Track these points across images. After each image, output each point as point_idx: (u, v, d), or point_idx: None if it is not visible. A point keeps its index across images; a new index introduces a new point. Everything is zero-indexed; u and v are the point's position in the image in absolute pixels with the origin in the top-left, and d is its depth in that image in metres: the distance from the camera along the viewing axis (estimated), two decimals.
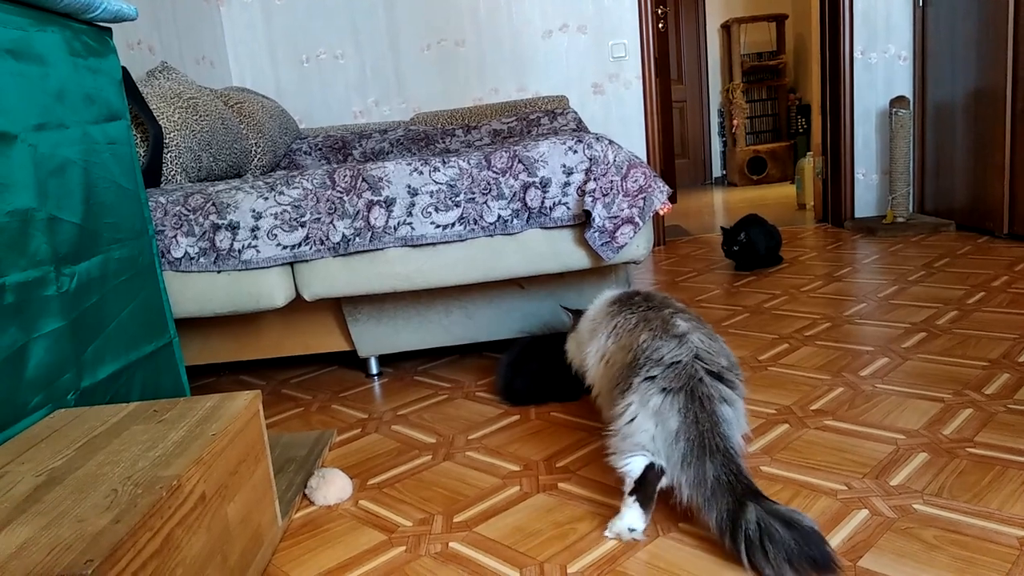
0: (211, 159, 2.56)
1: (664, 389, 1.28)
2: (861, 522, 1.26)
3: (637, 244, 1.99)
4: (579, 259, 2.02)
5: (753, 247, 3.26)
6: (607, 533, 1.32)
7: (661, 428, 1.27)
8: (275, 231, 1.94)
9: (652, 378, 1.31)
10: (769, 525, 1.12)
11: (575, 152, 1.95)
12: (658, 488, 1.28)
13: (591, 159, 1.94)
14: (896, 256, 3.30)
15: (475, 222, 1.96)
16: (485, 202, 1.95)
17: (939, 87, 3.83)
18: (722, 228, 3.37)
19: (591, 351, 1.55)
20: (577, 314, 1.78)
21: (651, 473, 1.28)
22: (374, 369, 2.36)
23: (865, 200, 4.18)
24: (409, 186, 1.95)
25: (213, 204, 1.96)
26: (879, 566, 1.14)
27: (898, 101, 3.85)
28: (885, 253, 3.39)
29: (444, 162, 1.97)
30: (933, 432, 1.57)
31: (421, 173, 1.95)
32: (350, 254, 1.98)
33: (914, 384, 1.83)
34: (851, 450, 1.52)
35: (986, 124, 3.45)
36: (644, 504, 1.28)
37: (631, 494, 1.29)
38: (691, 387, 1.27)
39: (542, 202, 1.95)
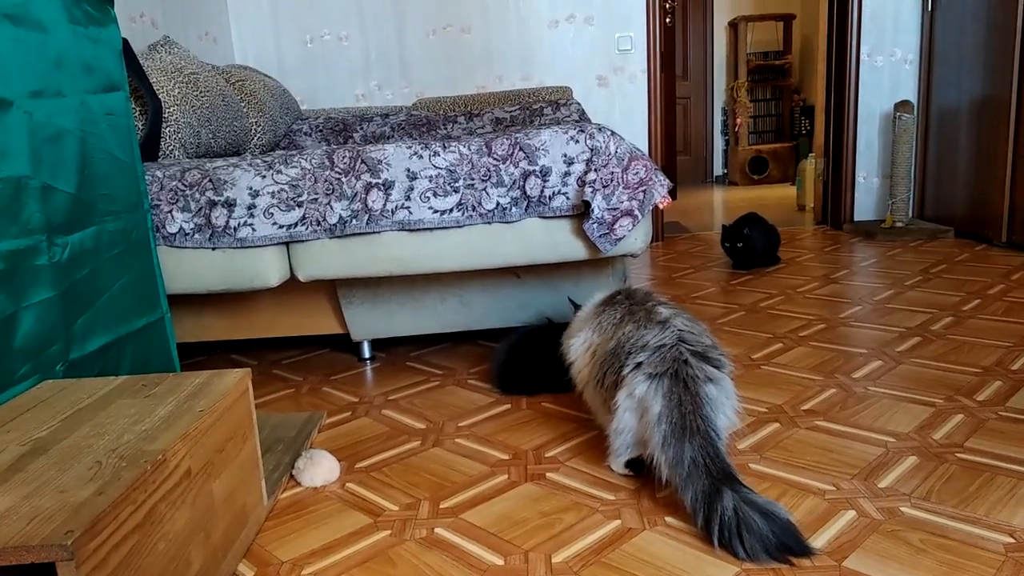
0: (210, 135, 2.54)
1: (650, 375, 1.32)
2: (848, 523, 1.26)
3: (635, 237, 1.98)
4: (576, 250, 2.00)
5: (752, 246, 3.26)
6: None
7: (646, 416, 1.29)
8: (271, 210, 1.93)
9: (639, 365, 1.33)
10: (746, 514, 1.16)
11: (577, 142, 1.94)
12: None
13: (592, 149, 1.93)
14: (894, 260, 3.30)
15: (473, 208, 1.94)
16: (484, 189, 1.94)
17: (944, 93, 3.82)
18: (723, 225, 3.36)
19: (576, 344, 1.57)
20: (579, 308, 1.78)
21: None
22: (366, 353, 2.35)
23: (865, 204, 4.18)
24: (408, 170, 1.93)
25: (210, 180, 1.94)
26: (864, 567, 1.13)
27: (902, 105, 3.83)
28: (883, 257, 3.39)
29: (444, 147, 1.96)
30: (923, 436, 1.57)
31: (421, 157, 1.94)
32: (346, 236, 1.96)
33: (906, 388, 1.83)
34: (840, 451, 1.52)
35: (989, 132, 3.44)
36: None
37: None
38: (675, 369, 1.31)
39: (542, 191, 1.94)
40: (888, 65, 4.01)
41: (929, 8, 3.88)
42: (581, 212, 1.96)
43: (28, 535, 0.80)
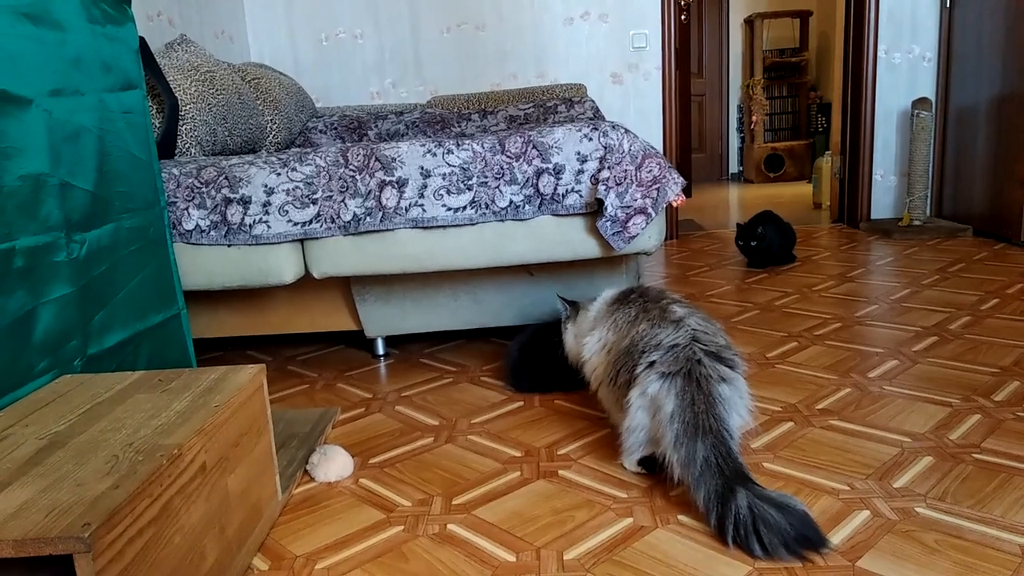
0: (226, 133, 2.55)
1: (663, 374, 1.32)
2: (862, 523, 1.25)
3: (649, 235, 1.97)
4: (590, 248, 2.00)
5: (767, 244, 3.24)
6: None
7: (658, 415, 1.29)
8: (286, 207, 1.94)
9: (652, 364, 1.33)
10: (762, 510, 1.16)
11: (590, 140, 1.94)
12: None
13: (606, 147, 1.93)
14: (911, 259, 3.27)
15: (487, 206, 1.95)
16: (497, 187, 1.94)
17: (963, 90, 3.78)
18: (738, 223, 3.35)
19: (591, 342, 1.57)
20: (574, 306, 1.79)
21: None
22: (380, 350, 2.36)
23: (882, 202, 4.14)
24: (422, 167, 1.94)
25: (226, 178, 1.95)
26: (878, 567, 1.13)
27: (920, 103, 3.80)
28: (900, 256, 3.36)
29: (458, 145, 1.96)
30: (939, 436, 1.55)
31: (434, 155, 1.94)
32: (360, 233, 1.97)
33: (922, 387, 1.82)
34: (855, 451, 1.51)
35: (1008, 130, 3.40)
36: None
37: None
38: (689, 369, 1.32)
39: (555, 189, 1.94)
40: (906, 62, 3.97)
41: (947, 5, 3.84)
42: (594, 210, 1.96)
43: (46, 527, 0.81)
